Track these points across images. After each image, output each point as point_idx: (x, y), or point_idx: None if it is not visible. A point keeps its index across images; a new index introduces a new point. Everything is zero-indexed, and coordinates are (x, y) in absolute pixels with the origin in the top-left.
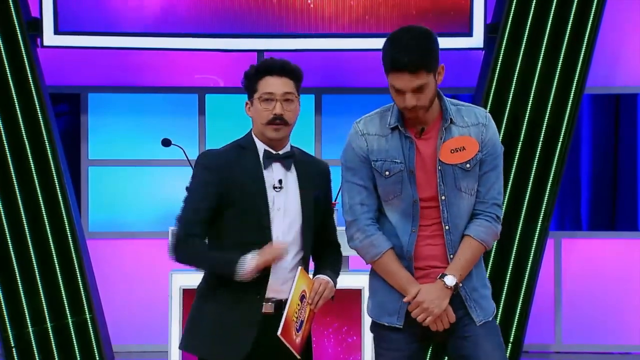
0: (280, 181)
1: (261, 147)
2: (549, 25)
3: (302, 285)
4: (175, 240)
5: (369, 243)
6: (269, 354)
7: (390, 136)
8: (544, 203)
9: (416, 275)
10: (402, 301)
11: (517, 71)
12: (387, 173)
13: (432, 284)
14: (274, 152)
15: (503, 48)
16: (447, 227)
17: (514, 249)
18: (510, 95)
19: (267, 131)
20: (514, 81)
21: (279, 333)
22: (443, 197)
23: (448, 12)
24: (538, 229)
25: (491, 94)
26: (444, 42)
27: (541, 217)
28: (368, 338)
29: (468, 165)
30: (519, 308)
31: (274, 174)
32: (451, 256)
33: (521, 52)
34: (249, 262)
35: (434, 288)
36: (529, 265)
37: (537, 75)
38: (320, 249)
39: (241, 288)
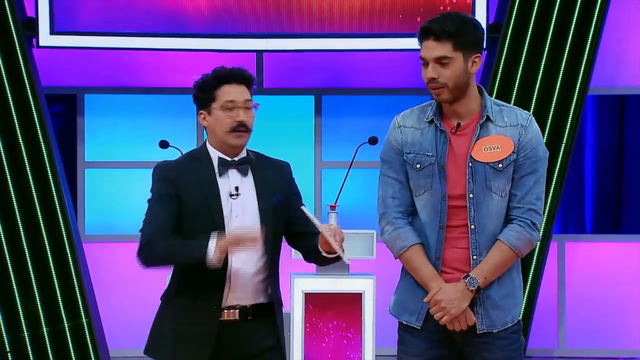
0: (236, 188)
1: (215, 155)
2: (552, 25)
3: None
4: (139, 247)
5: (396, 236)
6: None
7: (427, 130)
8: (547, 206)
9: (443, 279)
10: (423, 302)
11: (519, 72)
12: (418, 166)
13: (454, 283)
14: (229, 159)
15: (505, 49)
16: (472, 227)
17: None
18: (513, 97)
19: (229, 139)
20: (517, 82)
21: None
22: (471, 195)
23: (449, 12)
24: (541, 232)
25: (493, 95)
26: None
27: (544, 220)
28: (369, 342)
29: (500, 165)
30: (521, 313)
31: (230, 181)
32: (474, 257)
33: (524, 53)
34: (219, 243)
35: (454, 288)
36: (532, 269)
37: (540, 76)
38: (306, 242)
39: (199, 296)
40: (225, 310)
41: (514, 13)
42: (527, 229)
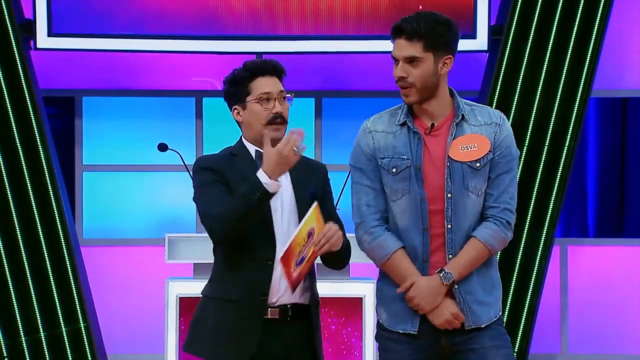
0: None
1: (252, 149)
2: (554, 27)
3: (313, 223)
4: (209, 231)
5: (377, 245)
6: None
7: (399, 133)
8: (550, 209)
9: None
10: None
11: (522, 74)
12: (394, 170)
13: (428, 277)
14: (266, 131)
15: (508, 50)
16: (449, 226)
17: (519, 256)
18: (515, 99)
19: (267, 132)
20: (519, 84)
21: (279, 257)
22: (449, 195)
23: (451, 13)
24: (544, 236)
25: (495, 98)
26: None
27: (547, 224)
28: (369, 347)
29: (478, 164)
30: (524, 317)
31: None
32: (450, 256)
33: (526, 55)
34: (264, 168)
35: (428, 283)
36: (535, 273)
37: (542, 78)
38: None
39: (244, 290)
40: (269, 309)
41: (516, 15)
42: (503, 228)
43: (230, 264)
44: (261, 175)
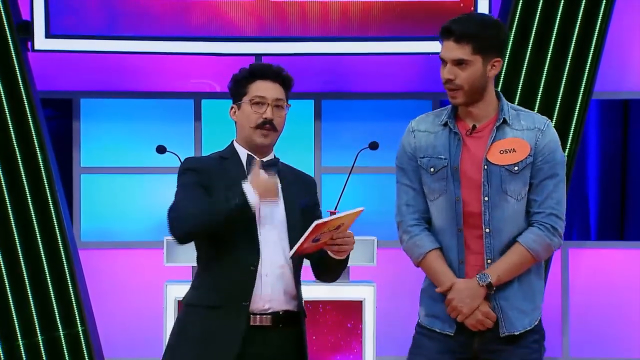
0: None
1: (243, 153)
2: (555, 28)
3: (346, 220)
4: (169, 225)
5: (413, 244)
6: None
7: (440, 133)
8: None
9: None
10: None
11: (522, 75)
12: (432, 170)
13: (467, 280)
14: (257, 159)
15: (508, 52)
16: (487, 230)
17: None
18: (516, 101)
19: (254, 136)
20: (520, 86)
21: (317, 222)
22: (486, 198)
23: (451, 14)
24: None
25: None
26: None
27: None
28: (369, 352)
29: (516, 168)
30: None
31: None
32: (488, 261)
33: (527, 56)
34: (249, 186)
35: (467, 285)
36: None
37: (543, 79)
38: (318, 253)
39: (226, 295)
40: (258, 316)
41: (517, 16)
42: (547, 233)
43: (213, 271)
44: (248, 188)
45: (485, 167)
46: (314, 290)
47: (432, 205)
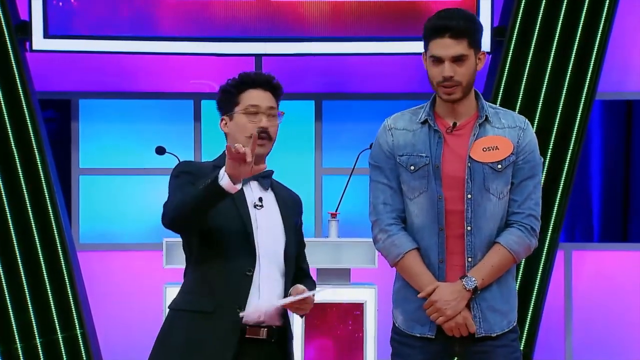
0: (260, 199)
1: None
2: (558, 28)
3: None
4: (163, 220)
5: (391, 243)
6: None
7: (419, 131)
8: (554, 213)
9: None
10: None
11: (525, 76)
12: (412, 167)
13: (451, 283)
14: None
15: (511, 52)
16: (469, 228)
17: (522, 262)
18: (519, 102)
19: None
20: (522, 87)
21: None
22: (469, 196)
23: None
24: (547, 241)
25: (498, 101)
26: None
27: (550, 228)
28: (370, 354)
29: (499, 166)
30: (527, 323)
31: (252, 192)
32: (469, 259)
33: (530, 57)
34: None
35: (451, 288)
36: (538, 279)
37: (546, 80)
38: (298, 279)
39: (219, 302)
40: (255, 327)
41: (520, 16)
42: (527, 234)
43: (206, 275)
44: (222, 171)
45: (469, 164)
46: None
47: (411, 203)
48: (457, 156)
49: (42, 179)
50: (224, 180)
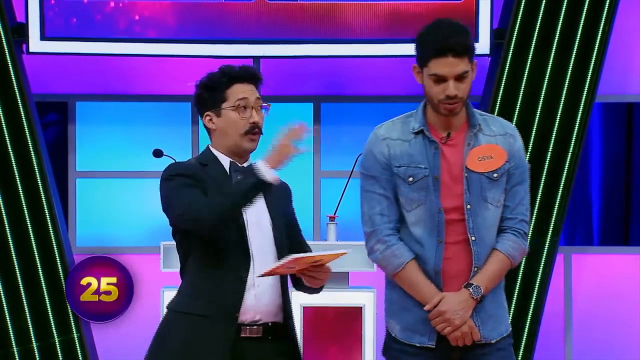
0: None
1: (225, 160)
2: (558, 31)
3: (324, 259)
4: (197, 213)
5: (391, 254)
6: None
7: (414, 141)
8: (553, 217)
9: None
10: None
11: (525, 79)
12: (410, 179)
13: (456, 292)
14: (239, 165)
15: (510, 55)
16: (473, 238)
17: (522, 265)
18: (518, 104)
19: (243, 142)
20: (522, 89)
21: (294, 256)
22: (469, 207)
23: (453, 16)
24: (547, 244)
25: (498, 103)
26: None
27: (550, 232)
28: (369, 356)
29: (495, 175)
30: (527, 327)
31: None
32: (475, 269)
33: (529, 59)
34: (263, 163)
35: (458, 297)
36: (538, 282)
37: (546, 82)
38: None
39: (216, 304)
40: (249, 327)
41: (519, 18)
42: (521, 239)
43: (203, 278)
44: (260, 163)
45: (466, 175)
46: (314, 296)
47: (408, 215)
48: (453, 167)
49: (39, 182)
50: (269, 174)
